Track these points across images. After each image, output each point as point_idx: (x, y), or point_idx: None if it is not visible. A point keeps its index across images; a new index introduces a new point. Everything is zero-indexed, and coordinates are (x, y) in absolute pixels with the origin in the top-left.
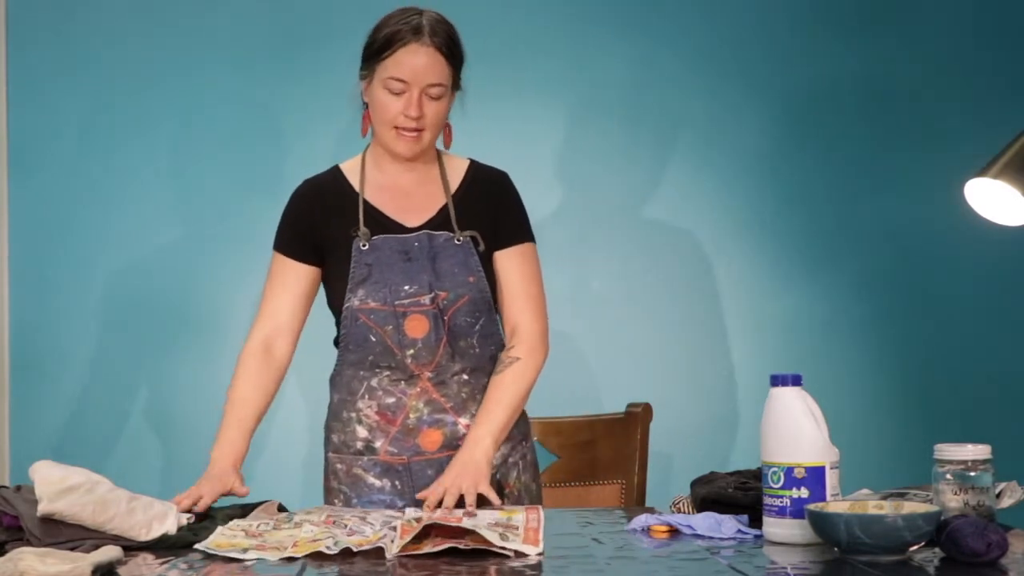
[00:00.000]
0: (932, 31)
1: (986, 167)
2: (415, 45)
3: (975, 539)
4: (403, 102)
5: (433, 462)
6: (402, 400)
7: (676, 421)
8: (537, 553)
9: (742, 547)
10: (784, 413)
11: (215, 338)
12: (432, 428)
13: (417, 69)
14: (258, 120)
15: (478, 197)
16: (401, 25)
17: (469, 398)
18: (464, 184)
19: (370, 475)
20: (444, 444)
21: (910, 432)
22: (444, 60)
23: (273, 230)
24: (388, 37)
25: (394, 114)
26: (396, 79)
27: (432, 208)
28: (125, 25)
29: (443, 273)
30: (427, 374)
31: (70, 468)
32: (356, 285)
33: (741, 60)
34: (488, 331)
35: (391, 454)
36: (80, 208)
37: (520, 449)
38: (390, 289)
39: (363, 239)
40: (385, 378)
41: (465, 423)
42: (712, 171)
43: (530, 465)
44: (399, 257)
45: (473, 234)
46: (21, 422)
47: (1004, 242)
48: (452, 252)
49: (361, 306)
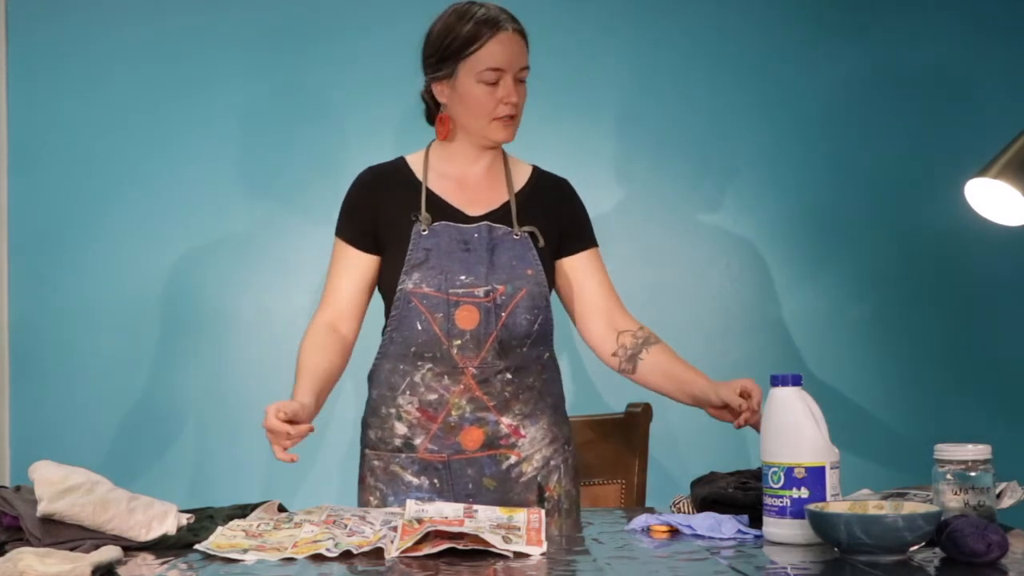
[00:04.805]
0: (932, 31)
1: (986, 167)
2: (503, 34)
3: (975, 539)
4: (501, 90)
5: (473, 461)
6: (444, 397)
7: (676, 421)
8: (540, 553)
9: (742, 547)
10: (784, 413)
11: (215, 338)
12: (474, 426)
13: (511, 55)
14: (258, 120)
15: (541, 200)
16: (479, 18)
17: (512, 397)
18: (528, 185)
19: (408, 472)
20: (485, 443)
21: (910, 432)
22: (525, 43)
23: (273, 230)
24: (472, 32)
25: (492, 105)
26: (492, 69)
27: (495, 202)
28: (125, 25)
29: (501, 265)
30: (471, 370)
31: (70, 468)
32: (412, 268)
33: (740, 59)
34: (543, 331)
35: (431, 452)
36: (80, 208)
37: (563, 453)
38: (445, 276)
39: (423, 223)
40: (428, 373)
41: (507, 422)
42: (711, 171)
43: (571, 469)
44: (458, 246)
45: (532, 230)
46: (21, 422)
47: (1004, 242)
48: (510, 245)
49: (415, 289)
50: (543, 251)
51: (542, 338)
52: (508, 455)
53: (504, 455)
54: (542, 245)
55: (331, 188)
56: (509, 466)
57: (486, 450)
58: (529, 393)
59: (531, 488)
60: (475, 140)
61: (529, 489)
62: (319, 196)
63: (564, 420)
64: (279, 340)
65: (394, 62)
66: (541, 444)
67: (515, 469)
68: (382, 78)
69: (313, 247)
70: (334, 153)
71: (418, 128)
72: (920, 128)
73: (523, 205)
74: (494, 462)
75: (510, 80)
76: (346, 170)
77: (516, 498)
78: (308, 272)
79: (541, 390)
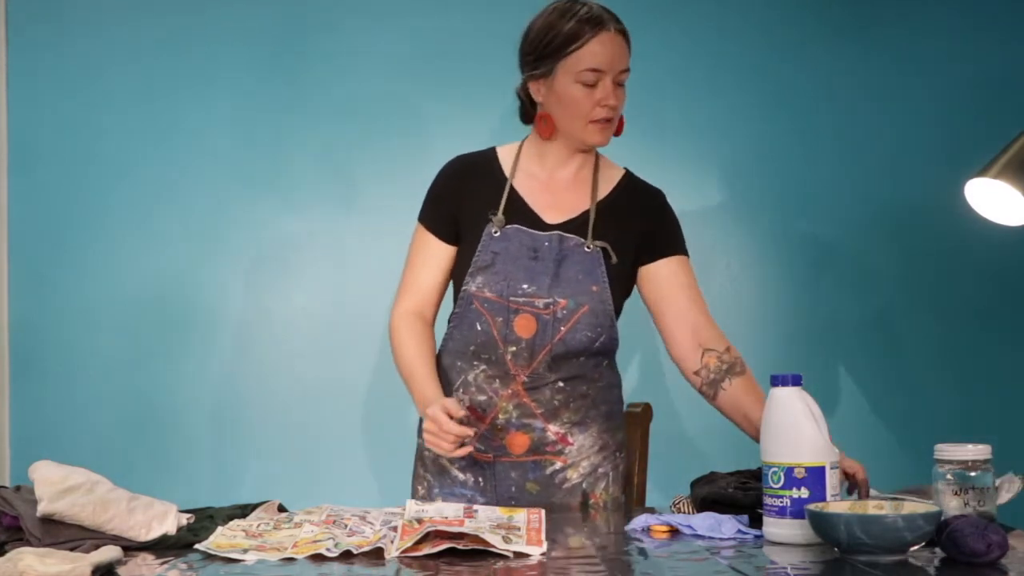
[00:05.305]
0: (932, 31)
1: (986, 167)
2: (605, 34)
3: (975, 539)
4: (599, 92)
5: (517, 465)
6: (493, 400)
7: (677, 421)
8: (540, 553)
9: (742, 547)
10: (784, 413)
11: (215, 338)
12: (520, 432)
13: (612, 57)
14: (259, 120)
15: (626, 208)
16: (582, 17)
17: (562, 405)
18: (614, 193)
19: (455, 467)
20: (531, 449)
21: (910, 432)
22: (627, 45)
23: (272, 230)
24: (574, 31)
25: (590, 107)
26: (592, 70)
27: (575, 209)
28: (125, 25)
29: (566, 279)
30: (522, 378)
31: (70, 468)
32: (478, 270)
33: (740, 59)
34: (604, 348)
35: (478, 450)
36: (80, 208)
37: (613, 460)
38: (508, 283)
39: (496, 225)
40: (481, 374)
41: (555, 430)
42: (711, 171)
43: (620, 476)
44: (526, 253)
45: (605, 245)
46: (21, 422)
47: (1004, 242)
48: (580, 259)
49: (477, 292)
50: (614, 268)
51: (602, 355)
52: (553, 461)
53: (549, 461)
54: (614, 262)
55: (331, 188)
56: (554, 471)
57: (531, 455)
58: (581, 402)
59: (575, 494)
60: (569, 142)
61: (572, 495)
62: (320, 196)
63: (618, 427)
64: (279, 340)
65: (397, 60)
66: (590, 452)
67: (559, 475)
68: (383, 77)
69: (314, 247)
70: (335, 153)
71: (418, 127)
72: (920, 127)
73: (602, 215)
74: (538, 467)
75: (609, 82)
76: (346, 170)
77: (558, 503)
78: (308, 272)
79: (595, 398)
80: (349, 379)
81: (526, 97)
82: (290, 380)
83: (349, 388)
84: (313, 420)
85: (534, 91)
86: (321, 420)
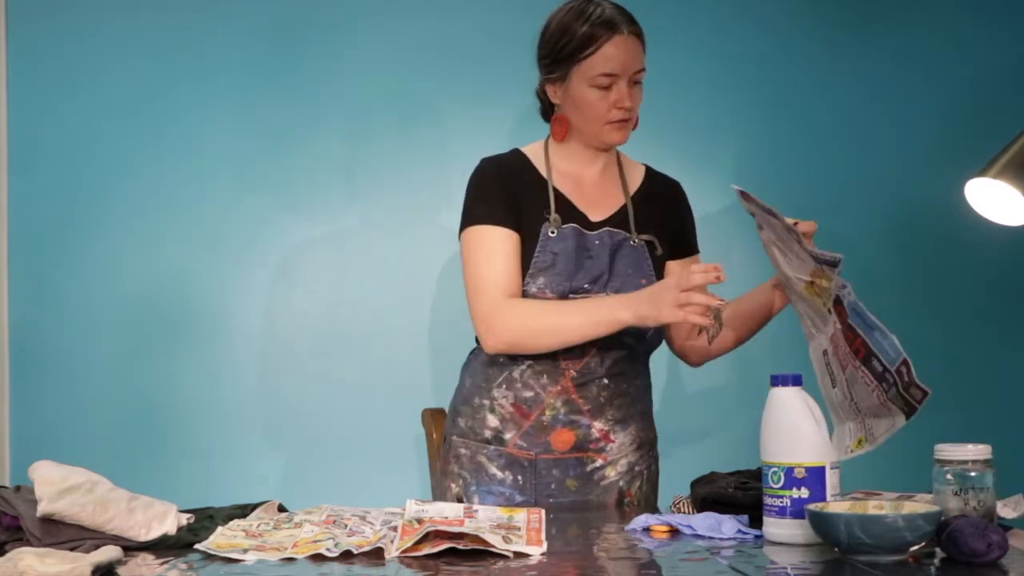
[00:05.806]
0: (933, 31)
1: (986, 167)
2: (618, 38)
3: (975, 539)
4: (614, 95)
5: (560, 462)
6: (540, 396)
7: (676, 421)
8: (540, 553)
9: (742, 547)
10: (784, 413)
11: (215, 338)
12: (566, 428)
13: (626, 61)
14: (259, 119)
15: (656, 202)
16: (595, 20)
17: (607, 403)
18: (643, 187)
19: (493, 465)
20: (575, 446)
21: (910, 432)
22: (641, 45)
23: (273, 230)
24: (588, 35)
25: (606, 109)
26: (606, 74)
27: (612, 205)
28: (125, 24)
29: (618, 273)
30: (571, 372)
31: (70, 468)
32: (538, 271)
33: (740, 58)
34: (651, 346)
35: (520, 448)
36: (80, 208)
37: (647, 459)
38: (571, 283)
39: (553, 225)
40: (528, 370)
41: (599, 427)
42: (711, 170)
43: (653, 475)
44: (582, 252)
45: (650, 238)
46: (21, 422)
47: (1004, 242)
48: (628, 252)
49: (538, 294)
50: (659, 260)
51: (645, 353)
52: (595, 458)
53: (591, 458)
54: (659, 253)
55: (332, 188)
56: (594, 469)
57: (575, 452)
58: (623, 399)
59: (611, 492)
60: (589, 142)
61: (609, 493)
62: (320, 196)
63: (651, 426)
64: (279, 340)
65: (396, 60)
66: (628, 450)
67: (599, 472)
68: (383, 77)
69: (313, 247)
70: (335, 153)
71: (417, 128)
72: (920, 127)
73: (639, 209)
74: (580, 464)
75: (624, 84)
76: (346, 170)
77: (595, 500)
78: (308, 272)
79: (635, 396)
80: (349, 379)
81: (544, 97)
82: (290, 380)
83: (349, 388)
84: (313, 420)
85: (551, 93)
86: (321, 420)
